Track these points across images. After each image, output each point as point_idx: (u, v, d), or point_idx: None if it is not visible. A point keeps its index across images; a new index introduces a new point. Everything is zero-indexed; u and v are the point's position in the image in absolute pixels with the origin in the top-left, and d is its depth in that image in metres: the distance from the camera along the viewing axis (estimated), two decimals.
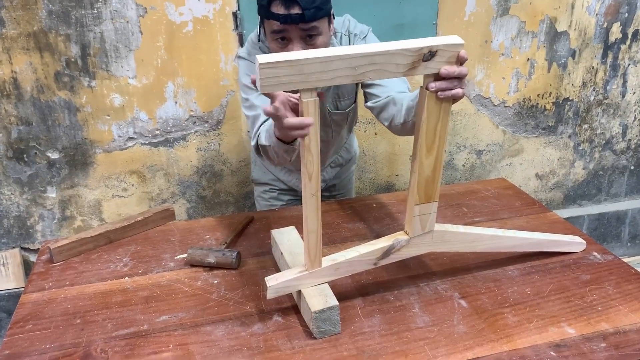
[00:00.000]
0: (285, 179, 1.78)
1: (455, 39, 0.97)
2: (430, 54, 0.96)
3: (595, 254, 1.35)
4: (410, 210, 1.12)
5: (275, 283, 1.09)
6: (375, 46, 0.95)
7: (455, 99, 1.01)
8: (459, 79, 0.99)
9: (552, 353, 1.02)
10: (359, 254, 1.13)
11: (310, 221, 1.05)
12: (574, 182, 2.86)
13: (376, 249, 1.13)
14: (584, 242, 1.37)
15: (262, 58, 0.90)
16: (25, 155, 2.12)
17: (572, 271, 1.28)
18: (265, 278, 1.11)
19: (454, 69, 0.98)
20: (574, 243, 1.35)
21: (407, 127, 1.29)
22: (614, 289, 1.21)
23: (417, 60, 0.96)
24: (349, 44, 1.49)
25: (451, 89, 0.99)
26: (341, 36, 1.50)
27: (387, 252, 1.14)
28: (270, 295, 1.10)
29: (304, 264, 1.11)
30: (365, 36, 1.50)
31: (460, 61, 0.99)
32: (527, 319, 1.12)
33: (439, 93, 0.99)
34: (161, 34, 2.05)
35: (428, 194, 1.10)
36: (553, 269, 1.29)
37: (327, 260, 1.12)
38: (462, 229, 1.21)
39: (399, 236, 1.15)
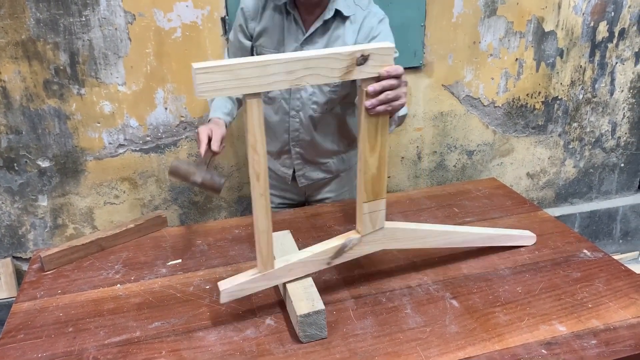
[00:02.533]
0: (271, 166, 1.77)
1: (386, 44, 1.01)
2: (363, 58, 0.98)
3: (585, 251, 1.36)
4: (360, 208, 1.13)
5: (228, 286, 1.09)
6: (310, 52, 0.98)
7: (391, 111, 1.04)
8: (393, 90, 1.03)
9: (543, 351, 1.03)
10: (312, 254, 1.14)
11: (260, 222, 1.06)
12: (565, 181, 2.87)
13: (329, 248, 1.14)
14: (534, 235, 1.40)
15: (197, 64, 0.91)
16: (15, 164, 2.11)
17: (562, 269, 1.29)
18: (218, 282, 1.10)
19: (376, 87, 1.01)
20: (524, 237, 1.39)
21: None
22: (604, 286, 1.22)
23: (352, 65, 0.98)
24: (362, 18, 1.50)
25: (384, 103, 1.02)
26: (356, 5, 1.51)
27: (340, 251, 1.15)
28: (224, 299, 1.09)
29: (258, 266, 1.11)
30: (382, 20, 1.51)
31: (386, 77, 1.01)
32: (519, 317, 1.12)
33: (369, 111, 1.03)
34: (150, 41, 2.05)
35: (375, 191, 1.11)
36: (544, 267, 1.30)
37: (280, 262, 1.12)
38: (412, 225, 1.23)
39: (351, 235, 1.16)
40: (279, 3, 1.49)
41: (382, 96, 1.02)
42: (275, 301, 1.20)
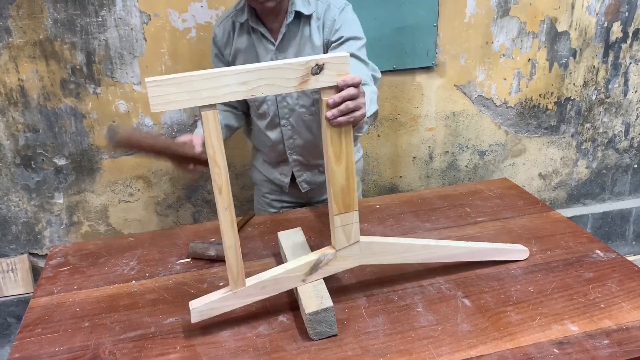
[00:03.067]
0: (269, 175, 1.79)
1: (341, 53, 0.99)
2: (317, 68, 0.97)
3: (598, 252, 1.36)
4: (332, 221, 1.09)
5: (198, 305, 1.07)
6: (264, 63, 0.97)
7: (353, 122, 1.02)
8: (353, 100, 1.00)
9: (555, 350, 1.03)
10: (285, 271, 1.10)
11: (227, 237, 1.03)
12: (578, 181, 2.86)
13: (303, 264, 1.11)
14: (526, 249, 1.34)
15: (150, 78, 0.90)
16: (32, 162, 2.15)
17: (575, 269, 1.29)
18: (190, 302, 1.09)
19: (336, 99, 0.99)
20: (515, 251, 1.32)
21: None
22: (617, 286, 1.22)
23: (307, 74, 0.97)
24: (323, 12, 1.49)
25: (345, 114, 1.00)
26: (316, 1, 1.50)
27: (315, 267, 1.12)
28: (194, 318, 1.08)
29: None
30: (343, 9, 1.48)
31: (343, 87, 0.99)
32: (530, 316, 1.13)
33: (331, 122, 1.01)
34: (165, 41, 2.07)
35: (346, 203, 1.08)
36: (556, 267, 1.30)
37: (252, 279, 1.10)
38: (390, 240, 1.18)
39: (326, 250, 1.13)
40: (241, 21, 1.51)
41: (342, 107, 1.00)
42: (288, 299, 1.21)
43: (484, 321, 1.12)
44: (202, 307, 1.08)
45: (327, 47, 1.50)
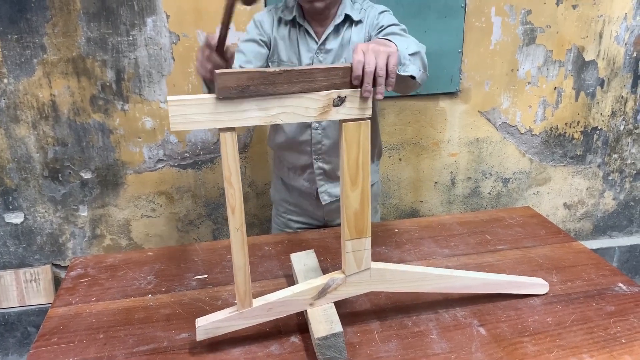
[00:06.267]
0: (294, 183, 1.77)
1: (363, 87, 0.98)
2: (339, 100, 0.97)
3: (621, 285, 1.32)
4: (344, 246, 1.08)
5: (204, 323, 1.07)
6: (285, 96, 0.96)
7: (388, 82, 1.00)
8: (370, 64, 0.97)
9: None
10: (293, 293, 1.09)
11: (237, 257, 1.03)
12: (604, 213, 2.80)
13: (311, 288, 1.10)
14: (547, 284, 1.30)
15: (172, 97, 0.91)
16: (60, 175, 2.20)
17: (595, 302, 1.25)
18: (197, 319, 1.09)
19: (354, 81, 0.97)
20: (534, 285, 1.29)
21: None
22: (639, 321, 1.18)
23: (328, 105, 0.97)
24: (367, 16, 1.54)
25: (377, 84, 0.98)
26: (362, 9, 1.55)
27: (323, 291, 1.10)
28: (200, 336, 1.08)
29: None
30: (383, 12, 1.54)
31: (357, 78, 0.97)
32: (548, 348, 1.10)
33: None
34: (192, 61, 2.12)
35: (359, 228, 1.06)
36: (576, 299, 1.27)
37: (259, 300, 1.09)
38: (403, 267, 1.16)
39: (335, 275, 1.11)
40: (288, 18, 1.55)
41: (366, 77, 0.97)
42: (300, 319, 1.20)
43: (499, 351, 1.09)
44: (207, 325, 1.08)
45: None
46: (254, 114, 0.95)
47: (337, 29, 1.55)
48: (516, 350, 1.10)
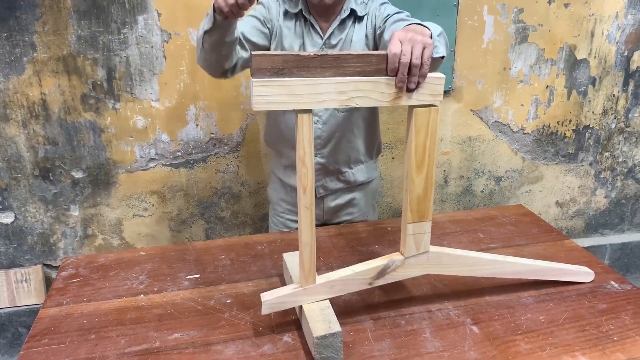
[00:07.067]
0: (288, 181, 1.77)
1: (438, 75, 1.01)
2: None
3: (612, 283, 1.33)
4: (404, 229, 1.12)
5: (270, 298, 1.10)
6: (364, 77, 0.99)
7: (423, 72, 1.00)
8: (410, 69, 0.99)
9: None
10: (354, 273, 1.13)
11: (305, 234, 1.06)
12: (596, 211, 2.81)
13: (371, 268, 1.14)
14: (592, 272, 1.33)
15: (256, 78, 0.94)
16: (50, 174, 2.18)
17: (588, 300, 1.26)
18: (261, 294, 1.12)
19: (389, 72, 0.99)
20: (581, 273, 1.32)
21: None
22: (631, 319, 1.19)
23: (401, 90, 1.00)
24: (369, 10, 1.57)
25: (412, 75, 0.99)
26: (366, 5, 1.58)
27: (382, 272, 1.14)
28: (265, 310, 1.11)
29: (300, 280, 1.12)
30: (382, 4, 1.57)
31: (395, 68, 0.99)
32: (540, 347, 1.10)
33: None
34: (184, 59, 2.11)
35: (421, 212, 1.10)
36: (568, 297, 1.27)
37: (322, 278, 1.13)
38: (459, 252, 1.20)
39: (394, 256, 1.15)
40: (294, 11, 1.56)
41: (401, 68, 0.98)
42: (293, 318, 1.20)
43: (492, 349, 1.10)
44: (272, 300, 1.10)
45: (374, 37, 1.56)
46: (332, 96, 0.99)
47: (342, 23, 1.57)
48: (509, 348, 1.10)
